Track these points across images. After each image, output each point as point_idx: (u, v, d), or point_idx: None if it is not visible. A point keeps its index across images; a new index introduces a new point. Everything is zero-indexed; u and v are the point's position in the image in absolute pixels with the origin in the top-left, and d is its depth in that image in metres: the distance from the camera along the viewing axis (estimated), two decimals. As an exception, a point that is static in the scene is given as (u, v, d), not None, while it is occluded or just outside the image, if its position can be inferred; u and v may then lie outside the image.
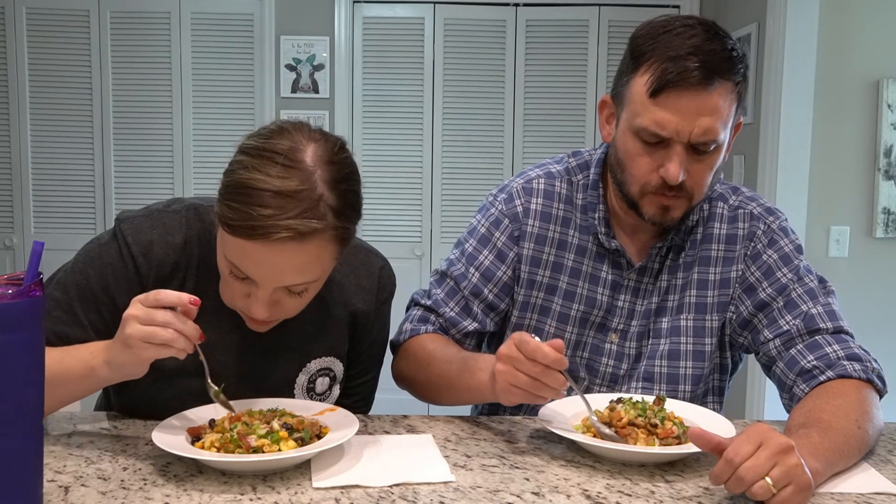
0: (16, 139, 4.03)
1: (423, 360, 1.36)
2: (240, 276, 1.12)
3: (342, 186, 1.10)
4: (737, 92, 1.24)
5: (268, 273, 1.09)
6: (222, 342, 1.25)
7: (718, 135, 1.22)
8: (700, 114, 1.20)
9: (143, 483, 1.02)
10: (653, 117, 1.21)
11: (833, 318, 1.31)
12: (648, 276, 1.39)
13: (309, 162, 1.07)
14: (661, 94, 1.20)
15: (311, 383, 1.32)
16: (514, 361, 1.10)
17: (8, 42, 3.99)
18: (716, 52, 1.20)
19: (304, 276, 1.11)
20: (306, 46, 4.03)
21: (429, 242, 4.15)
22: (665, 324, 1.39)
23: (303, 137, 1.09)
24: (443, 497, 1.00)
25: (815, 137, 3.27)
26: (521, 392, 1.12)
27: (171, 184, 4.04)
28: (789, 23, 3.21)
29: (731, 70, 1.21)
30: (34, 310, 0.85)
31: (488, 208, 1.45)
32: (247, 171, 1.06)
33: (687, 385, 1.38)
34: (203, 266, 1.24)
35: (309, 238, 1.06)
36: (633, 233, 1.39)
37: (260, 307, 1.12)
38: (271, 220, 1.03)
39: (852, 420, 1.13)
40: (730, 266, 1.38)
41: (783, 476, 0.94)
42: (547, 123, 4.08)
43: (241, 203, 1.05)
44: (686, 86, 1.19)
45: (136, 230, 1.22)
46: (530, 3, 4.06)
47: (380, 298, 1.37)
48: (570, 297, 1.40)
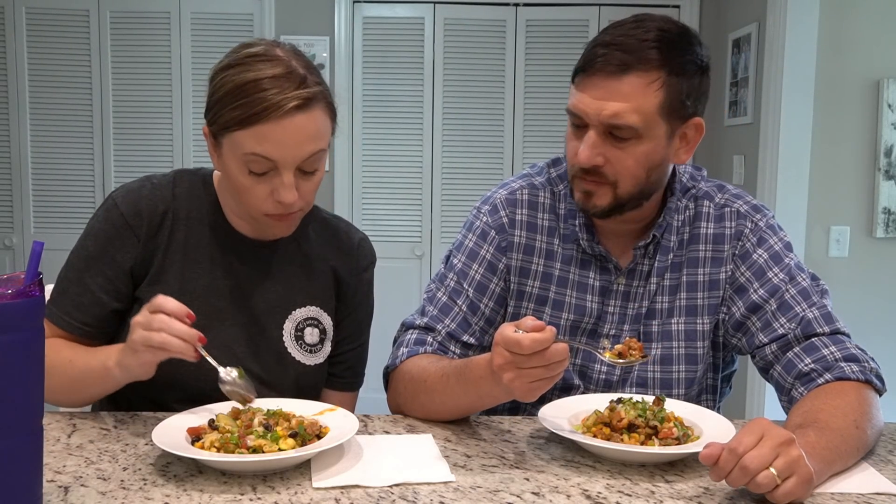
0: (16, 139, 4.03)
1: (419, 378, 1.30)
2: (259, 170, 1.23)
3: (314, 70, 1.27)
4: (664, 87, 1.23)
5: (288, 148, 1.21)
6: (216, 288, 1.35)
7: (628, 123, 1.23)
8: (609, 98, 1.23)
9: (143, 483, 1.02)
10: (572, 100, 1.28)
11: (829, 320, 1.30)
12: (638, 279, 1.39)
13: (283, 55, 1.24)
14: (576, 78, 1.28)
15: (300, 332, 1.38)
16: (517, 365, 1.08)
17: (8, 42, 3.99)
18: (642, 41, 1.23)
19: (316, 143, 1.24)
20: (306, 46, 4.02)
21: (429, 242, 4.15)
22: (656, 328, 1.38)
23: (267, 43, 1.27)
24: (443, 497, 1.00)
25: (815, 137, 3.27)
26: (541, 384, 1.10)
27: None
28: (789, 23, 3.21)
29: (656, 61, 1.22)
30: (34, 310, 0.85)
31: (473, 222, 1.44)
32: (238, 74, 1.22)
33: (681, 389, 1.38)
34: (195, 217, 1.36)
35: (311, 105, 1.22)
36: (615, 237, 1.39)
37: (288, 190, 1.23)
38: (279, 97, 1.19)
39: (850, 420, 1.12)
40: (719, 267, 1.38)
41: (786, 467, 0.94)
42: (547, 123, 4.08)
43: (245, 97, 1.20)
44: (595, 73, 1.24)
45: (126, 191, 1.35)
46: (530, 3, 4.06)
47: (360, 265, 1.46)
48: (559, 306, 1.39)
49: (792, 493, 0.95)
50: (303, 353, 1.38)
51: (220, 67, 1.25)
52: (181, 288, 1.32)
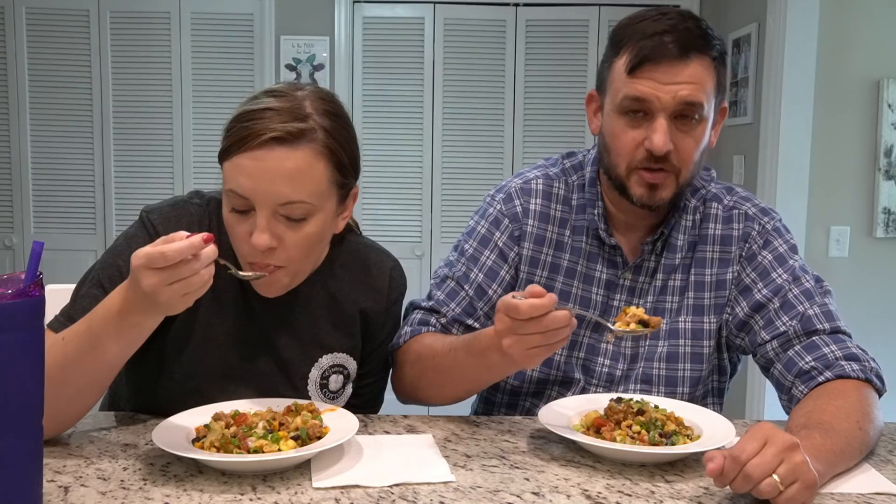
0: (16, 139, 4.03)
1: (426, 355, 1.31)
2: (240, 207, 1.15)
3: (332, 116, 1.18)
4: (714, 69, 1.28)
5: (262, 185, 1.12)
6: (239, 336, 1.27)
7: (700, 102, 1.25)
8: (678, 82, 1.24)
9: (143, 483, 1.02)
10: (636, 88, 1.26)
11: (830, 319, 1.31)
12: (644, 274, 1.39)
13: (300, 94, 1.17)
14: (639, 69, 1.25)
15: (325, 379, 1.32)
16: (515, 330, 1.08)
17: (8, 42, 3.99)
18: (690, 29, 1.26)
19: (295, 188, 1.13)
20: (306, 46, 4.03)
21: (429, 242, 4.15)
22: (663, 325, 1.38)
23: (294, 84, 1.21)
24: (443, 497, 1.00)
25: (815, 137, 3.26)
26: (539, 350, 1.10)
27: (171, 184, 4.04)
28: (789, 23, 3.21)
29: (706, 46, 1.26)
30: (34, 310, 0.85)
31: (486, 209, 1.45)
32: (244, 105, 1.17)
33: (685, 387, 1.38)
34: (223, 257, 1.23)
35: (296, 143, 1.12)
36: (627, 231, 1.40)
37: (259, 233, 1.13)
38: (261, 126, 1.11)
39: (853, 421, 1.12)
40: (725, 268, 1.38)
41: (789, 473, 0.94)
42: (547, 123, 4.08)
43: (237, 125, 1.14)
44: (662, 59, 1.24)
45: (165, 219, 1.24)
46: (530, 3, 4.06)
47: (391, 298, 1.39)
48: (566, 297, 1.40)
49: (795, 499, 0.94)
50: (325, 401, 1.32)
51: (242, 101, 1.20)
52: (203, 335, 1.25)
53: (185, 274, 0.98)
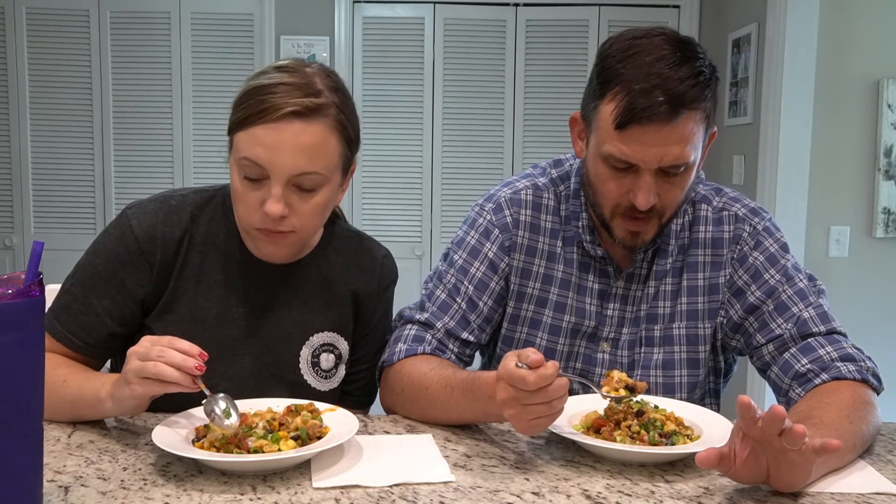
0: (16, 139, 4.03)
1: (420, 384, 1.27)
2: (253, 176, 1.19)
3: (340, 93, 1.24)
4: (705, 114, 1.22)
5: (279, 156, 1.17)
6: (229, 316, 1.31)
7: (688, 159, 1.22)
8: (667, 144, 1.19)
9: (143, 483, 1.02)
10: (620, 148, 1.21)
11: (825, 320, 1.30)
12: (636, 282, 1.39)
13: (309, 70, 1.22)
14: (626, 128, 1.19)
15: (316, 358, 1.35)
16: (521, 401, 1.04)
17: (8, 42, 3.99)
18: (682, 80, 1.17)
19: (311, 160, 1.19)
20: (306, 46, 4.03)
21: (429, 242, 4.15)
22: (657, 332, 1.38)
23: (302, 61, 1.26)
24: (443, 497, 1.00)
25: (815, 137, 3.27)
26: (542, 421, 1.06)
27: (171, 184, 4.04)
28: (789, 23, 3.21)
29: (697, 99, 1.19)
30: (34, 310, 0.85)
31: (476, 219, 1.43)
32: (254, 79, 1.21)
33: (683, 393, 1.38)
34: (211, 242, 1.31)
35: (313, 117, 1.18)
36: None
37: (274, 201, 1.18)
38: (279, 100, 1.17)
39: (843, 415, 1.12)
40: (718, 271, 1.38)
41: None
42: (547, 123, 4.08)
43: (252, 98, 1.18)
44: (651, 122, 1.18)
45: (142, 213, 1.29)
46: (530, 3, 4.06)
47: (382, 284, 1.42)
48: (561, 308, 1.39)
49: (789, 486, 0.97)
50: (318, 380, 1.35)
51: (250, 76, 1.24)
52: (192, 317, 1.29)
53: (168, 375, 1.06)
